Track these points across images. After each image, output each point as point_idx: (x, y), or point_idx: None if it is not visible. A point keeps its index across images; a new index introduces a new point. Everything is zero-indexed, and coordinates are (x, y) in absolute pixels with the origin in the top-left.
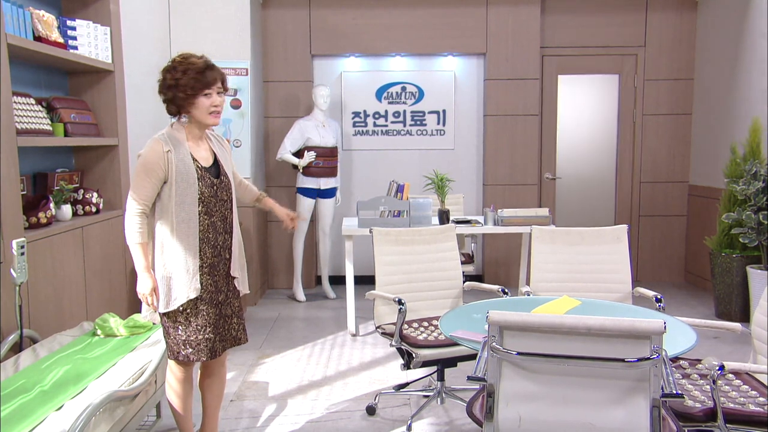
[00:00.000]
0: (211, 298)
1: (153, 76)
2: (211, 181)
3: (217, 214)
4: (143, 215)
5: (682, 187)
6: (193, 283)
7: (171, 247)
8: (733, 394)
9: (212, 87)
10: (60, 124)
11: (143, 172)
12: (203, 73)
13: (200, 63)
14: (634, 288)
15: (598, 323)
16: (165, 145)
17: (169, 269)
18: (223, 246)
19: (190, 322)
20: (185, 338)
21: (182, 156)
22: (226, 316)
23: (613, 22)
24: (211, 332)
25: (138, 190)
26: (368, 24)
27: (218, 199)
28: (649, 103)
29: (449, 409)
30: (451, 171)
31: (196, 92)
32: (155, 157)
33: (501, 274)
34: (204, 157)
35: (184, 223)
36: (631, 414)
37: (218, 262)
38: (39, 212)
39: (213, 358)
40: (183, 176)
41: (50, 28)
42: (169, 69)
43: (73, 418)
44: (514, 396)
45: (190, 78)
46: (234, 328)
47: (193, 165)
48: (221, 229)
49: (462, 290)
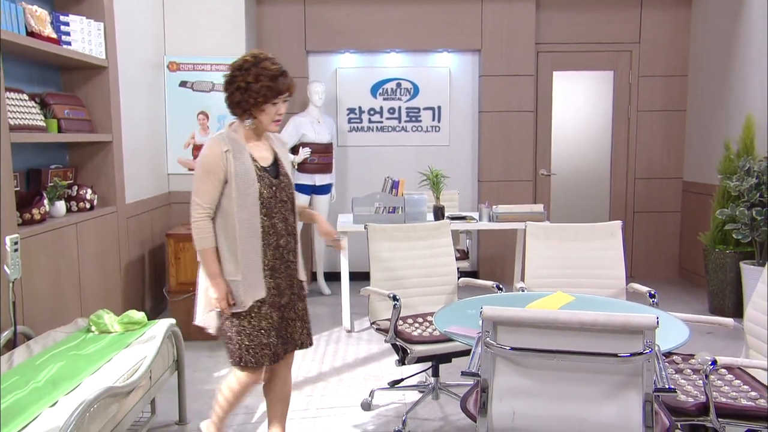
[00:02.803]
0: (273, 301)
1: (147, 71)
2: (270, 182)
3: (278, 216)
4: (209, 219)
5: (676, 184)
6: (259, 285)
7: (235, 249)
8: (726, 389)
9: (282, 96)
10: (53, 120)
11: (203, 173)
12: (276, 81)
13: (274, 69)
14: (628, 284)
15: (591, 318)
16: (223, 145)
17: (235, 272)
18: (285, 248)
19: (253, 325)
20: (248, 343)
21: (241, 156)
22: (289, 320)
23: (608, 19)
24: (274, 336)
25: (200, 194)
26: (363, 20)
27: (278, 200)
28: (643, 99)
29: (444, 405)
30: (446, 167)
31: (266, 100)
32: (214, 157)
33: (496, 270)
34: (263, 157)
35: (246, 224)
36: (624, 408)
37: (280, 265)
38: (33, 208)
39: (275, 362)
40: (242, 176)
41: (43, 23)
42: (240, 68)
43: (67, 414)
44: (507, 391)
45: (262, 85)
46: (297, 332)
47: (252, 165)
48: (282, 230)
49: (457, 286)
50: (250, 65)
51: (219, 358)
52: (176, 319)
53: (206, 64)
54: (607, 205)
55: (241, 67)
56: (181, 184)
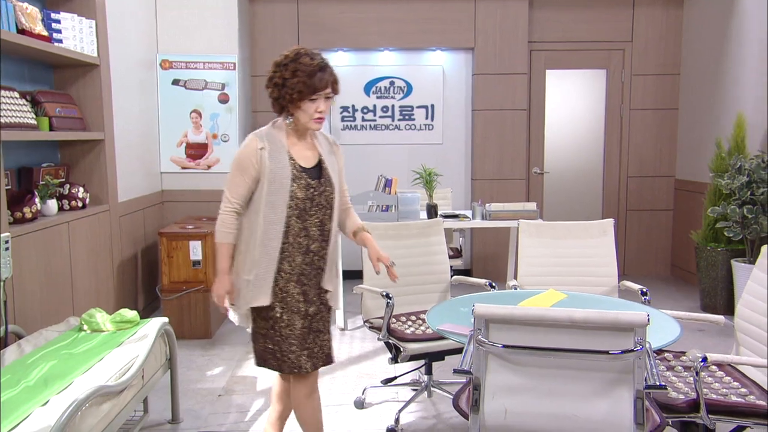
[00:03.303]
0: (298, 309)
1: (139, 69)
2: (307, 183)
3: (312, 220)
4: (236, 214)
5: (668, 182)
6: (265, 290)
7: (255, 248)
8: (716, 386)
9: (320, 92)
10: (45, 118)
11: (236, 168)
12: (313, 77)
13: (312, 65)
14: (620, 281)
15: (582, 316)
16: (260, 142)
17: (249, 271)
18: (317, 254)
19: (275, 330)
20: (271, 347)
21: (278, 154)
22: (317, 331)
23: (601, 18)
24: (297, 346)
25: (231, 188)
26: (356, 18)
27: (315, 203)
28: (636, 97)
29: (437, 403)
30: (439, 165)
31: (302, 97)
32: (248, 153)
33: (489, 268)
34: (305, 157)
35: (271, 225)
36: (615, 405)
37: (310, 271)
38: (24, 207)
39: (296, 373)
40: (276, 176)
41: (34, 21)
42: (279, 64)
43: (59, 413)
44: (499, 388)
45: (298, 81)
46: (326, 346)
47: (289, 165)
48: (316, 235)
49: (449, 284)
50: (288, 60)
51: (212, 357)
52: (169, 317)
53: (199, 62)
54: (600, 203)
55: (281, 63)
56: (174, 183)
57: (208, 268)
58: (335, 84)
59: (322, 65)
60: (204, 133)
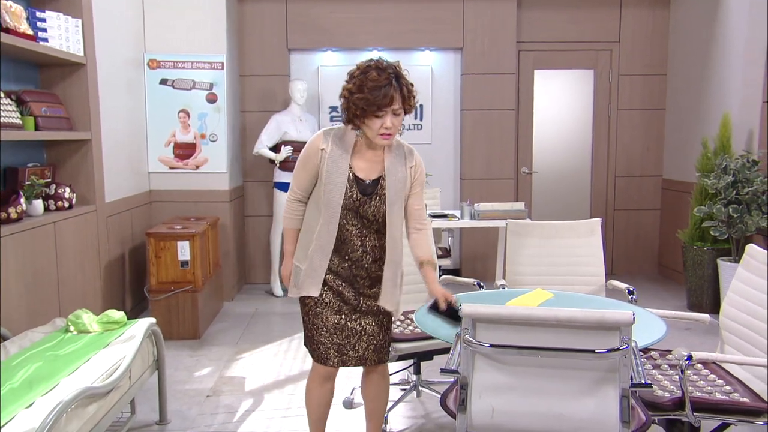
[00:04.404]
0: (332, 304)
1: (126, 69)
2: (355, 195)
3: (353, 231)
4: (298, 202)
5: (655, 181)
6: (316, 282)
7: (310, 240)
8: (701, 384)
9: (386, 108)
10: (30, 118)
11: (301, 161)
12: (377, 93)
13: (378, 80)
14: (607, 281)
15: (567, 315)
16: (323, 143)
17: (302, 260)
18: (355, 263)
19: (310, 318)
20: (308, 333)
21: (338, 159)
22: (352, 330)
23: (588, 18)
24: (327, 338)
25: (295, 178)
26: (345, 18)
27: (359, 216)
28: (623, 98)
29: (425, 402)
30: (427, 165)
31: (366, 113)
32: (311, 150)
33: (478, 267)
34: (364, 169)
35: (326, 223)
36: (601, 404)
37: (348, 275)
38: (9, 207)
39: (324, 364)
40: (331, 178)
41: (19, 19)
42: (350, 75)
43: (44, 415)
44: (486, 387)
45: (362, 96)
46: (362, 347)
47: (346, 172)
48: (357, 246)
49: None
50: (358, 73)
51: (200, 357)
52: (157, 318)
53: (187, 62)
54: (588, 203)
55: (351, 74)
56: (162, 183)
57: (196, 268)
58: (406, 100)
59: (391, 79)
60: (192, 133)
